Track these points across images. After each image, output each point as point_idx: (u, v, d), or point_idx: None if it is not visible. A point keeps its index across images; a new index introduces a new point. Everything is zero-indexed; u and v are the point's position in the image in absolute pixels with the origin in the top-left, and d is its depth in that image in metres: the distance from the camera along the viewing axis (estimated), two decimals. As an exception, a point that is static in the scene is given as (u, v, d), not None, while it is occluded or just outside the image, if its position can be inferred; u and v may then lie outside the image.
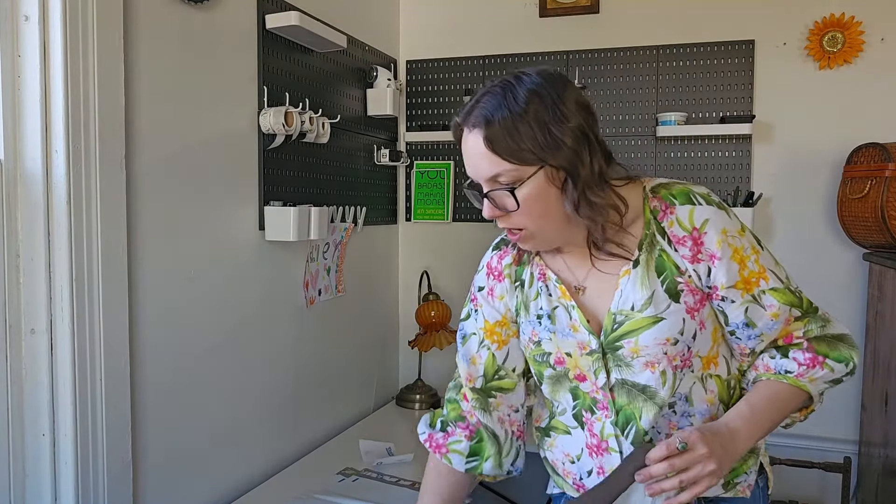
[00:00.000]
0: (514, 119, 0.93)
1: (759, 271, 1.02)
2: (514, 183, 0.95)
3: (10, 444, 1.38)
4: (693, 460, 0.92)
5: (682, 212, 1.00)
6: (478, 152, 0.96)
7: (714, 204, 1.02)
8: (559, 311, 1.07)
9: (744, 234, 1.02)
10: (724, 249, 0.99)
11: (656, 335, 1.00)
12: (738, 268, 1.00)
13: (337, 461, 2.11)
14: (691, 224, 1.00)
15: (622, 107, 2.61)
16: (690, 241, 1.00)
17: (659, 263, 1.01)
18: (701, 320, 1.02)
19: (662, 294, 1.00)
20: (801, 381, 1.04)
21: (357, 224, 2.51)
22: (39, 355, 1.40)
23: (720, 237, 0.99)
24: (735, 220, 1.03)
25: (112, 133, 1.46)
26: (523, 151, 0.93)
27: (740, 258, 1.00)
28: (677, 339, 1.01)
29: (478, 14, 2.79)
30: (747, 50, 2.47)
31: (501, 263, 1.15)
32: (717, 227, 0.99)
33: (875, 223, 2.13)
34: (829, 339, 1.06)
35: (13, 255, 1.38)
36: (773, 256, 1.06)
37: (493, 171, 0.96)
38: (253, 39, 1.95)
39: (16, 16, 1.36)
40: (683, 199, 1.01)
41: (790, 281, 1.06)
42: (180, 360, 1.71)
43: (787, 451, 2.49)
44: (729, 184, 2.51)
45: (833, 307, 2.41)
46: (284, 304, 2.13)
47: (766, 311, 1.01)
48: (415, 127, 2.86)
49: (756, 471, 1.11)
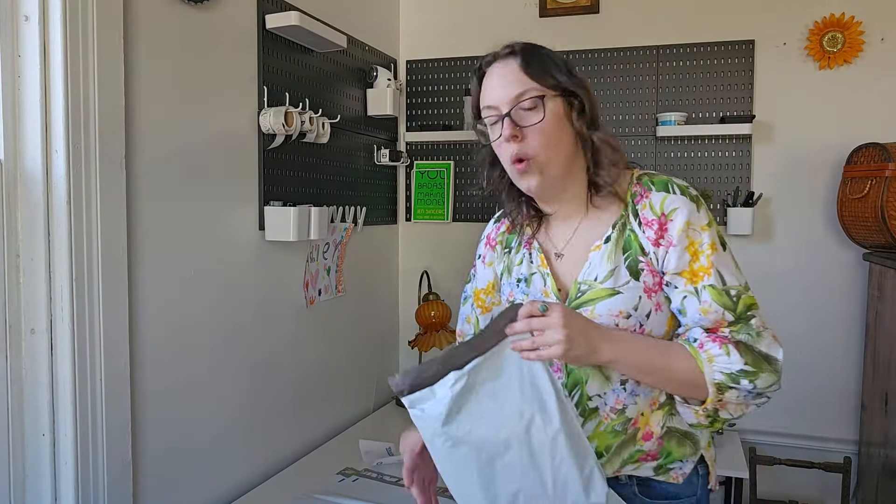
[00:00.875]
0: (543, 55, 1.09)
1: (707, 267, 1.05)
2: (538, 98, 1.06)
3: (10, 444, 1.38)
4: (546, 324, 0.96)
5: (656, 198, 1.08)
6: (510, 74, 1.07)
7: (688, 196, 1.08)
8: (536, 277, 1.16)
9: (706, 230, 1.06)
10: (681, 239, 1.05)
11: (610, 306, 1.07)
12: (689, 259, 1.05)
13: (337, 461, 2.11)
14: (661, 209, 1.07)
15: (622, 107, 2.61)
16: (657, 225, 1.06)
17: (627, 242, 1.09)
18: (658, 302, 1.08)
19: (624, 270, 1.08)
20: (699, 351, 1.03)
21: (357, 224, 2.51)
22: (39, 355, 1.40)
23: (682, 227, 1.05)
24: (703, 216, 1.07)
25: (112, 133, 1.46)
26: (549, 76, 1.06)
27: (694, 251, 1.05)
28: (630, 314, 1.06)
29: (478, 14, 2.79)
30: (747, 50, 2.47)
31: (497, 233, 1.27)
32: (683, 216, 1.05)
33: (875, 223, 2.13)
34: (755, 352, 1.05)
35: (13, 255, 1.38)
36: (733, 261, 1.10)
37: (521, 88, 1.06)
38: (253, 39, 1.95)
39: (16, 16, 1.36)
40: (660, 187, 1.09)
41: (740, 290, 1.07)
42: (180, 360, 1.71)
43: (787, 451, 2.50)
44: (729, 184, 2.51)
45: (833, 307, 2.45)
46: (284, 304, 2.13)
47: (699, 305, 1.05)
48: (415, 127, 2.86)
49: (694, 462, 1.14)
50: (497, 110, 1.09)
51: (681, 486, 1.13)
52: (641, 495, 1.13)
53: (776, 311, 2.50)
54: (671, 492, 1.13)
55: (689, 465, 1.14)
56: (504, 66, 1.09)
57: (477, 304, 1.29)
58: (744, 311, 1.06)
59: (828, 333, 2.47)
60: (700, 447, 1.15)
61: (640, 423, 1.11)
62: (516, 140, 1.07)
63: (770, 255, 2.51)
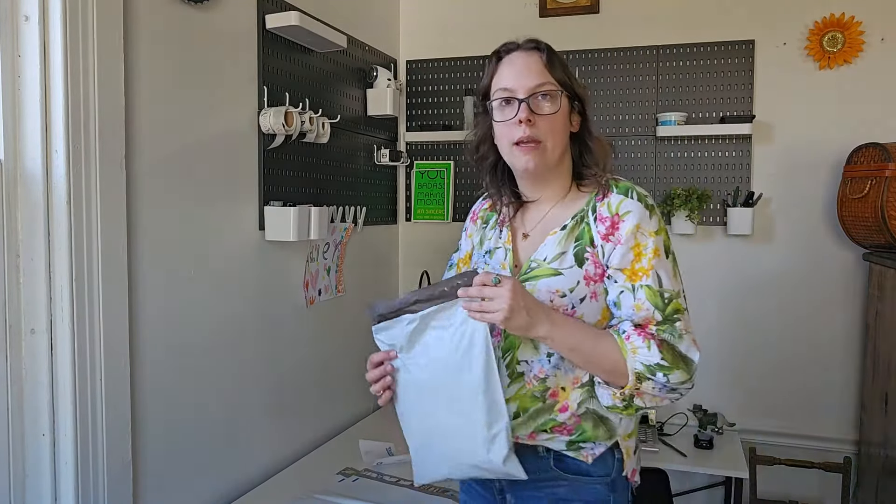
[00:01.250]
0: (561, 57, 1.23)
1: (647, 269, 1.15)
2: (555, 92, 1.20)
3: (10, 444, 1.38)
4: (495, 294, 1.09)
5: (614, 199, 1.19)
6: (534, 65, 1.20)
7: (644, 203, 1.18)
8: (499, 251, 1.30)
9: (653, 237, 1.16)
10: (629, 239, 1.16)
11: (550, 284, 1.18)
12: (632, 258, 1.16)
13: (337, 461, 2.11)
14: (616, 210, 1.18)
15: (622, 107, 2.61)
16: (609, 222, 1.18)
17: (580, 233, 1.20)
18: (595, 291, 1.18)
19: (571, 256, 1.19)
20: (625, 342, 1.13)
21: (357, 224, 2.51)
22: (39, 355, 1.40)
23: (632, 228, 1.16)
24: (654, 224, 1.17)
25: (112, 133, 1.46)
26: (565, 77, 1.21)
27: (638, 252, 1.16)
28: (565, 294, 1.18)
29: (478, 14, 2.79)
30: (747, 50, 2.47)
31: (481, 209, 1.42)
32: (634, 219, 1.16)
33: (875, 223, 2.13)
34: (675, 351, 1.14)
35: (13, 255, 1.38)
36: (674, 269, 1.18)
37: (542, 80, 1.19)
38: (253, 39, 1.95)
39: (16, 16, 1.36)
40: (621, 191, 1.20)
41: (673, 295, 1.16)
42: (180, 360, 1.71)
43: (787, 451, 2.50)
44: (729, 184, 2.51)
45: (833, 307, 2.45)
46: (284, 304, 2.13)
47: (634, 302, 1.15)
48: (415, 127, 2.86)
49: (607, 446, 1.21)
50: (513, 93, 1.20)
51: (594, 465, 1.21)
52: (556, 468, 1.22)
53: (776, 310, 2.52)
54: (584, 469, 1.21)
55: (601, 448, 1.21)
56: (528, 57, 1.20)
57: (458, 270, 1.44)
58: (671, 313, 1.15)
59: (828, 333, 2.47)
60: (616, 434, 1.22)
61: (559, 395, 1.20)
62: (529, 124, 1.18)
63: (770, 255, 2.51)
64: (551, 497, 1.22)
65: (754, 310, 2.54)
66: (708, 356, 2.59)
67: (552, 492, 1.22)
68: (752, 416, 2.56)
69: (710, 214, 2.54)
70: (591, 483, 1.21)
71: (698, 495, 2.61)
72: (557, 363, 1.19)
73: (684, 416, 2.53)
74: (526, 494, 1.23)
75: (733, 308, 2.56)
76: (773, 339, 2.52)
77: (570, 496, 1.22)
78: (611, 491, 1.22)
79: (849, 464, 2.40)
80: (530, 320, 1.10)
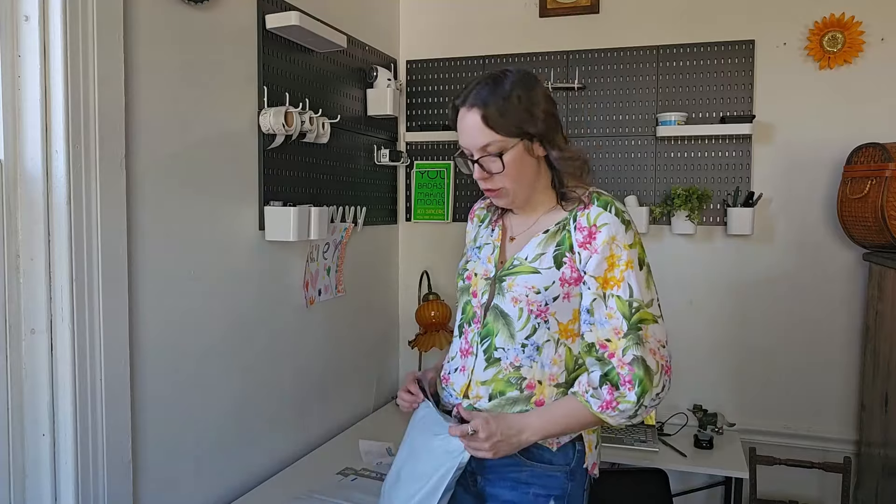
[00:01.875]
0: (503, 103, 1.24)
1: (619, 279, 1.24)
2: (500, 151, 1.26)
3: (10, 444, 1.38)
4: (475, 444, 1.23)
5: (594, 211, 1.27)
6: (474, 127, 1.25)
7: (620, 218, 1.27)
8: (487, 246, 1.42)
9: (627, 250, 1.25)
10: (604, 249, 1.25)
11: (527, 280, 1.29)
12: (606, 268, 1.25)
13: (337, 461, 2.11)
14: (594, 221, 1.27)
15: (622, 107, 2.61)
16: (587, 232, 1.27)
17: (561, 238, 1.30)
18: (568, 292, 1.28)
19: (549, 257, 1.29)
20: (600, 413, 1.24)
21: (357, 224, 2.51)
22: (39, 355, 1.40)
23: (607, 240, 1.25)
24: (629, 237, 1.26)
25: (112, 133, 1.46)
26: (510, 126, 1.24)
27: (612, 262, 1.25)
28: (539, 291, 1.28)
29: (478, 14, 2.79)
30: (747, 50, 2.47)
31: (478, 207, 1.54)
32: (610, 232, 1.25)
33: (875, 223, 2.13)
34: (645, 364, 1.22)
35: (13, 255, 1.38)
36: (647, 282, 1.27)
37: (485, 141, 1.25)
38: (253, 39, 1.95)
39: (16, 16, 1.36)
40: (601, 204, 1.28)
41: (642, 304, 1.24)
42: (180, 360, 1.71)
43: (787, 451, 2.50)
44: (729, 184, 2.51)
45: (833, 307, 2.45)
46: (284, 304, 2.13)
47: (605, 310, 1.25)
48: (415, 127, 2.86)
49: (571, 439, 1.32)
50: (468, 151, 1.29)
51: (555, 454, 1.31)
52: (520, 455, 1.30)
53: (776, 311, 2.52)
54: (546, 457, 1.31)
55: (566, 438, 1.32)
56: (470, 116, 1.26)
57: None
58: (636, 322, 1.23)
59: (828, 333, 2.47)
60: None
61: (536, 389, 1.30)
62: (486, 179, 1.30)
63: (770, 256, 2.51)
64: (514, 480, 1.32)
65: (754, 310, 2.54)
66: (708, 356, 2.60)
67: (516, 476, 1.32)
68: (752, 416, 2.56)
69: (710, 214, 2.54)
70: (551, 470, 1.32)
71: (698, 495, 2.61)
72: (532, 354, 1.30)
73: (684, 416, 2.53)
74: (492, 477, 1.34)
75: (733, 308, 2.56)
76: (773, 339, 2.52)
77: (531, 480, 1.32)
78: (569, 480, 1.32)
79: (849, 464, 2.40)
80: (512, 443, 1.24)
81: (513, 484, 1.32)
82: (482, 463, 1.33)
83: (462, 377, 1.37)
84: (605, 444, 2.27)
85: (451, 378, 1.41)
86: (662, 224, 2.58)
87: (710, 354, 2.60)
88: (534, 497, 1.31)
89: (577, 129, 2.67)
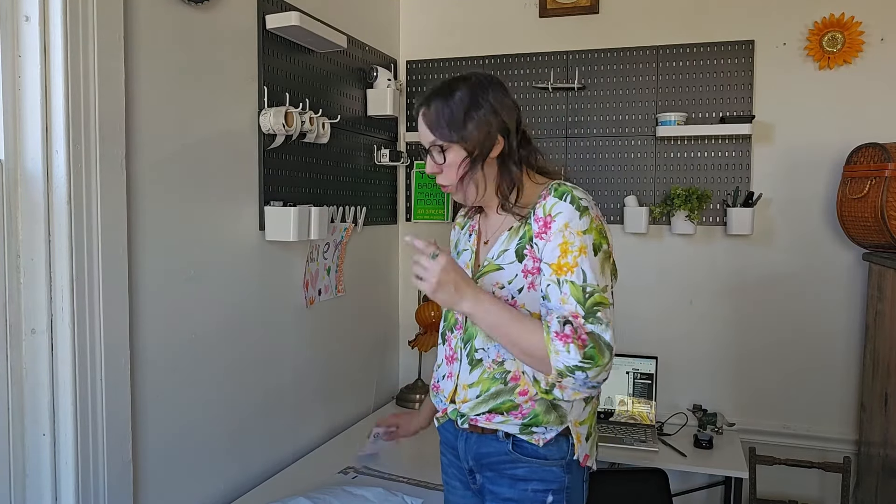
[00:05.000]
0: (442, 108, 1.30)
1: (572, 265, 1.24)
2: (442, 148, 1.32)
3: (10, 444, 1.38)
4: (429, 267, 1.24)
5: (550, 201, 1.29)
6: (422, 124, 1.33)
7: (576, 205, 1.27)
8: (465, 252, 1.46)
9: (580, 236, 1.25)
10: (556, 236, 1.26)
11: (492, 278, 1.34)
12: (559, 254, 1.25)
13: (337, 461, 2.11)
14: (549, 211, 1.29)
15: (622, 107, 2.61)
16: (542, 222, 1.29)
17: (523, 233, 1.32)
18: (532, 282, 1.30)
19: (512, 253, 1.32)
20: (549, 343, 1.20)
21: (357, 224, 2.51)
22: (39, 355, 1.40)
23: (560, 227, 1.26)
24: (583, 224, 1.26)
25: (112, 133, 1.46)
26: (443, 131, 1.30)
27: (565, 249, 1.25)
28: (503, 286, 1.32)
29: (478, 14, 2.79)
30: (747, 50, 2.47)
31: (459, 215, 1.61)
32: (563, 219, 1.26)
33: (875, 223, 2.13)
34: (601, 342, 1.21)
35: (13, 255, 1.38)
36: (601, 268, 1.26)
37: (429, 140, 1.33)
38: (253, 39, 1.95)
39: (16, 16, 1.36)
40: (557, 195, 1.29)
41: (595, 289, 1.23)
42: (180, 360, 1.71)
43: (787, 450, 2.50)
44: (729, 184, 2.51)
45: (833, 307, 2.45)
46: (284, 304, 2.13)
47: (560, 295, 1.24)
48: (415, 127, 2.84)
49: (557, 431, 1.31)
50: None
51: (548, 449, 1.32)
52: (515, 451, 1.33)
53: (776, 311, 2.52)
54: (540, 453, 1.32)
55: (552, 433, 1.31)
56: (422, 115, 1.33)
57: None
58: (591, 306, 1.23)
59: (828, 333, 2.47)
60: (566, 419, 1.32)
61: (521, 379, 1.31)
62: (436, 172, 1.36)
63: (770, 256, 2.51)
64: (512, 477, 1.34)
65: (754, 310, 2.54)
66: (708, 356, 2.60)
67: (512, 472, 1.34)
68: (752, 416, 2.56)
69: (710, 214, 2.54)
70: (546, 465, 1.32)
71: (698, 495, 2.61)
72: None
73: (684, 416, 2.53)
74: (490, 475, 1.36)
75: (733, 308, 2.56)
76: (773, 339, 2.52)
77: (528, 476, 1.33)
78: (566, 472, 1.33)
79: (849, 464, 2.40)
80: (456, 295, 1.24)
81: (510, 481, 1.34)
82: (479, 461, 1.36)
83: (449, 383, 1.40)
84: (606, 444, 2.27)
85: (440, 385, 1.44)
86: (662, 224, 2.58)
87: (710, 354, 2.60)
88: (532, 493, 1.32)
89: (577, 129, 2.67)
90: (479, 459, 1.37)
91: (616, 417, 2.49)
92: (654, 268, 2.61)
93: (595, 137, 2.65)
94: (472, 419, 1.34)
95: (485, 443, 1.35)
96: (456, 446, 1.42)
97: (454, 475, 1.47)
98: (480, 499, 1.41)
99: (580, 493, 1.37)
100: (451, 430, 1.42)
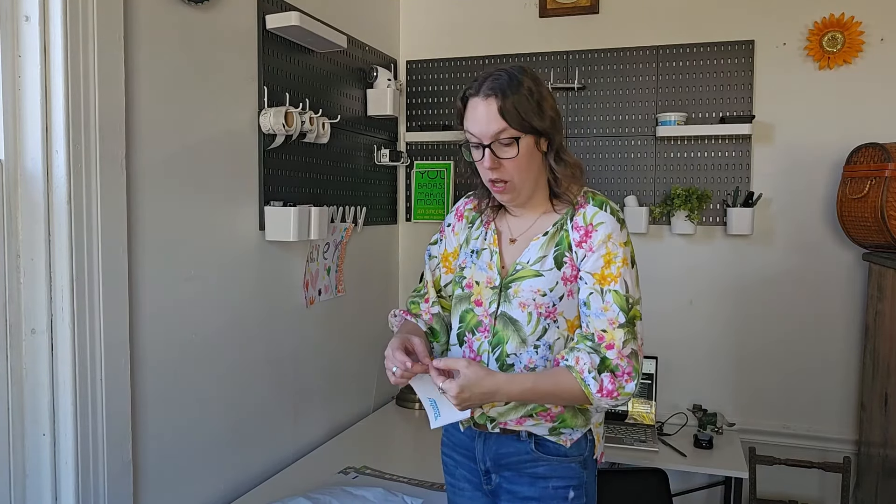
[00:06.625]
0: (518, 96, 1.26)
1: (616, 276, 1.28)
2: (512, 139, 1.27)
3: (10, 444, 1.38)
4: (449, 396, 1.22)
5: (590, 210, 1.32)
6: (490, 115, 1.26)
7: (615, 217, 1.31)
8: (485, 252, 1.41)
9: (622, 248, 1.29)
10: (600, 247, 1.29)
11: (531, 284, 1.32)
12: (602, 264, 1.29)
13: (337, 461, 2.11)
14: (591, 220, 1.31)
15: (622, 107, 2.61)
16: (583, 231, 1.31)
17: (560, 239, 1.33)
18: (571, 290, 1.32)
19: (550, 259, 1.32)
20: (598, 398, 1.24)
21: (357, 224, 2.51)
22: (39, 355, 1.40)
23: (603, 238, 1.29)
24: (623, 236, 1.31)
25: (112, 133, 1.46)
26: (522, 120, 1.26)
27: (608, 259, 1.28)
28: (545, 293, 1.31)
29: (478, 14, 2.79)
30: (747, 50, 2.48)
31: (465, 208, 1.51)
32: (606, 230, 1.29)
33: (875, 223, 2.13)
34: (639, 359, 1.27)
35: (13, 255, 1.38)
36: (636, 279, 1.31)
37: (498, 128, 1.26)
38: (253, 39, 1.95)
39: (16, 16, 1.36)
40: (596, 204, 1.32)
41: (634, 301, 1.29)
42: (180, 360, 1.71)
43: (787, 450, 2.50)
44: (729, 184, 2.51)
45: (833, 307, 2.45)
46: (284, 304, 2.13)
47: (602, 304, 1.28)
48: (415, 127, 2.86)
49: (583, 432, 1.36)
50: (479, 139, 1.29)
51: (571, 447, 1.35)
52: (536, 450, 1.35)
53: (776, 311, 2.52)
54: (562, 451, 1.35)
55: (578, 434, 1.36)
56: (485, 105, 1.27)
57: (444, 265, 1.52)
58: (632, 317, 1.28)
59: (828, 333, 2.47)
60: (591, 421, 1.37)
61: None
62: (496, 168, 1.29)
63: (770, 256, 2.51)
64: (532, 476, 1.35)
65: (754, 310, 2.54)
66: (708, 356, 2.60)
67: (533, 471, 1.35)
68: (752, 416, 2.56)
69: (710, 214, 2.54)
70: (566, 462, 1.35)
71: (698, 495, 2.61)
72: (545, 354, 1.32)
73: (684, 416, 2.53)
74: (508, 474, 1.37)
75: (733, 308, 2.56)
76: (773, 338, 2.52)
77: (548, 474, 1.35)
78: (583, 468, 1.37)
79: (848, 464, 2.40)
80: (485, 399, 1.23)
81: (530, 479, 1.34)
82: (498, 461, 1.37)
83: None
84: (606, 444, 2.27)
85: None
86: (662, 224, 2.58)
87: (710, 354, 2.60)
88: (553, 490, 1.34)
89: (577, 129, 2.67)
90: (497, 460, 1.37)
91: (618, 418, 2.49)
92: (654, 268, 2.61)
93: (595, 137, 2.65)
94: (501, 423, 1.34)
95: (505, 443, 1.35)
96: (471, 447, 1.41)
97: (464, 477, 1.45)
98: (492, 500, 1.41)
99: (594, 488, 1.40)
100: (468, 432, 1.41)
